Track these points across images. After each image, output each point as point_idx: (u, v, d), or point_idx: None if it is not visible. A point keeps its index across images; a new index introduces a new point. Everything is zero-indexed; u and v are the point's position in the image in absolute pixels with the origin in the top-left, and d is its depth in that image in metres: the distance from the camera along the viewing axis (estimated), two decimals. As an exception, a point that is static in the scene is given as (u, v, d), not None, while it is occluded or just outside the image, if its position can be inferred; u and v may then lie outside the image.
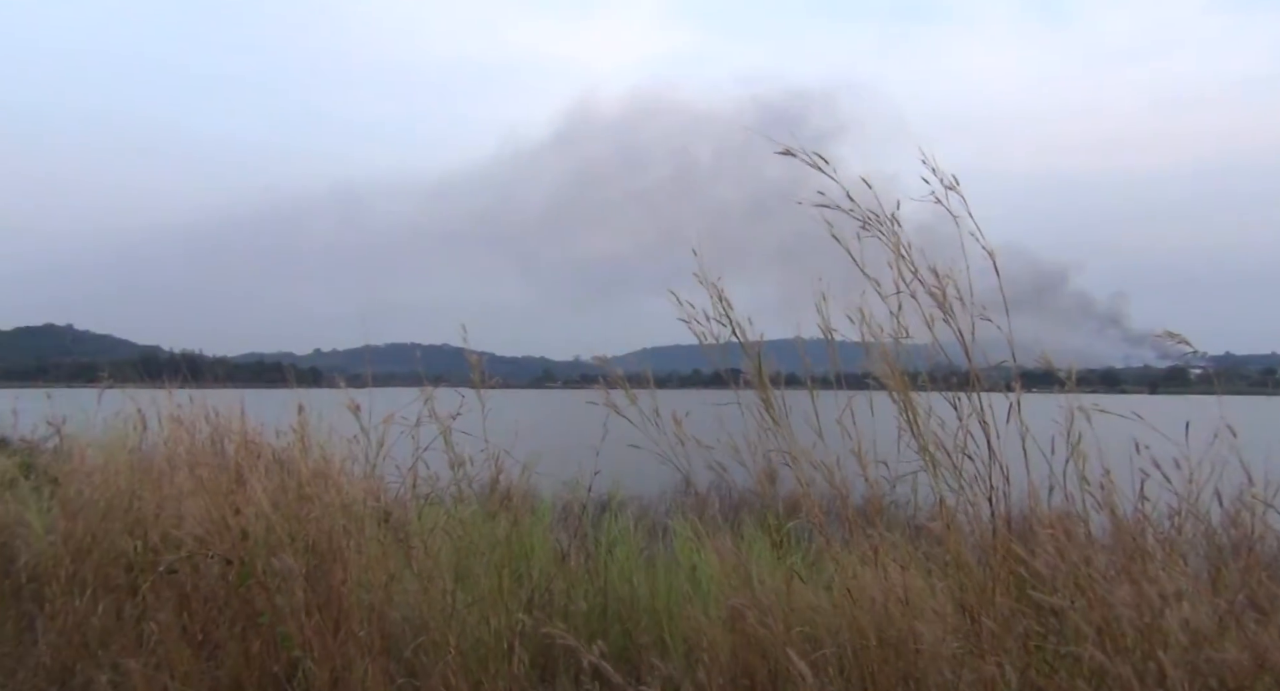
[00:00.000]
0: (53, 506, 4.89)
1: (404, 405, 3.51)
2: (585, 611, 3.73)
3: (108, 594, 3.38)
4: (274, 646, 2.75)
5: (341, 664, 2.69)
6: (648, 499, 9.49)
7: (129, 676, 2.79)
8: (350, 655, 2.71)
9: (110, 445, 4.59)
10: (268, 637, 2.78)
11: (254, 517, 3.04)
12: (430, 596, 3.13)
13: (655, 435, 2.90)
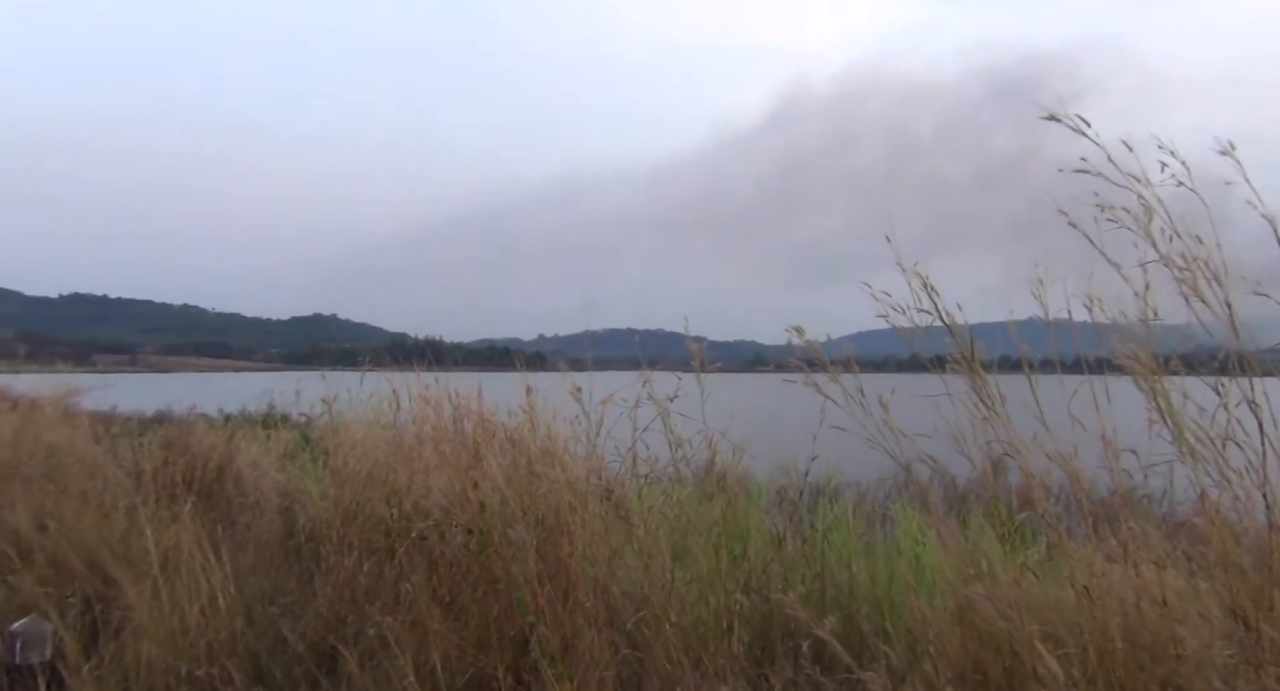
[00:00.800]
0: (324, 475, 5.57)
1: (622, 388, 3.66)
2: (803, 595, 3.72)
3: (370, 555, 3.80)
4: (510, 611, 2.98)
5: (571, 632, 2.86)
6: (864, 485, 9.27)
7: (391, 630, 3.13)
8: (578, 624, 2.88)
9: (370, 422, 5.14)
10: (505, 602, 3.02)
11: (490, 491, 3.29)
12: (650, 573, 3.25)
13: (865, 420, 2.83)
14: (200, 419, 11.31)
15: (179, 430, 8.48)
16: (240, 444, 7.55)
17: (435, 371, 5.42)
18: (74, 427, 10.14)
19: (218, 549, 4.03)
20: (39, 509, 5.09)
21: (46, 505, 5.30)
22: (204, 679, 3.08)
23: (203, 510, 5.04)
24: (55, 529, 4.62)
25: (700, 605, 3.23)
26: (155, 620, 3.29)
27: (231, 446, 7.39)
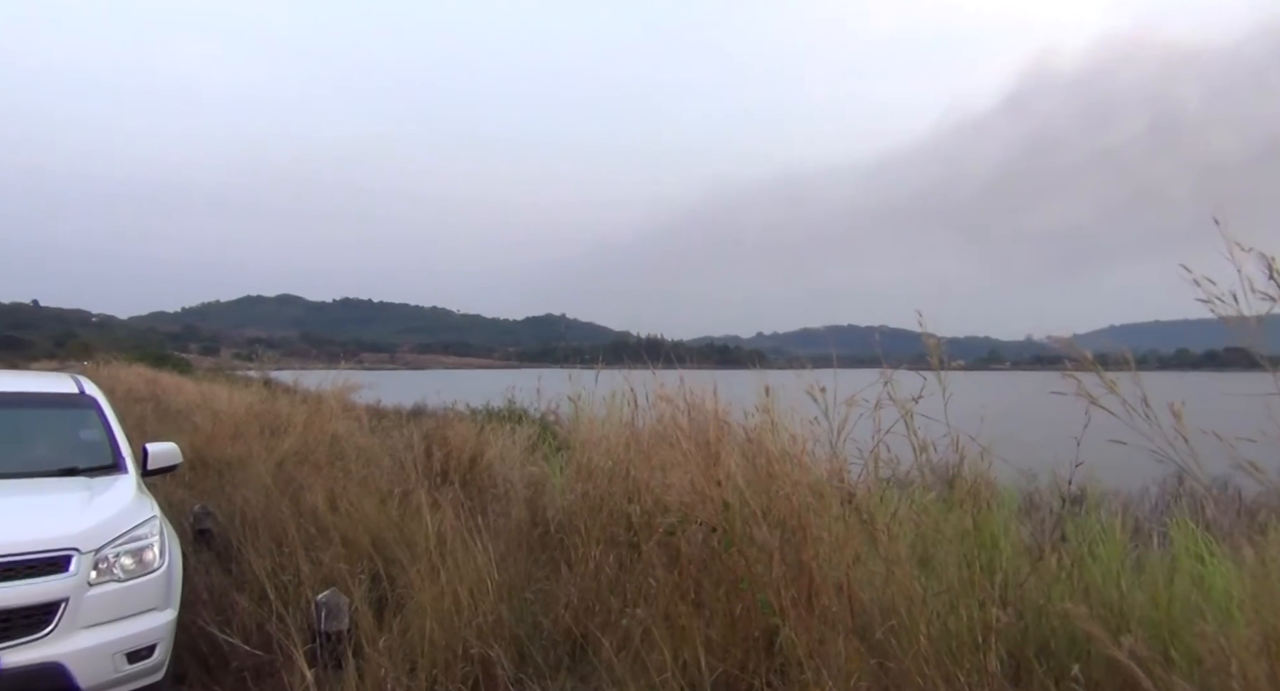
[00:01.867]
0: (565, 469, 5.89)
1: (865, 387, 3.56)
2: (1065, 613, 3.44)
3: (614, 548, 3.97)
4: (754, 611, 2.99)
5: (816, 637, 2.82)
6: (1128, 494, 8.42)
7: (640, 621, 3.25)
8: (824, 629, 2.84)
9: (609, 419, 5.37)
10: (749, 602, 3.04)
11: (732, 490, 3.32)
12: (895, 580, 3.14)
13: (1143, 426, 2.55)
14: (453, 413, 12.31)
15: (437, 423, 9.28)
16: (489, 437, 8.14)
17: (658, 369, 5.58)
18: (350, 419, 11.41)
19: (476, 535, 4.38)
20: (329, 491, 5.76)
21: (335, 488, 6.01)
22: (478, 658, 3.35)
23: (459, 498, 5.47)
24: (345, 510, 5.21)
25: (951, 617, 3.07)
26: (435, 599, 3.62)
27: (482, 439, 7.98)
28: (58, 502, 3.96)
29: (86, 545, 3.54)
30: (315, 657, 3.55)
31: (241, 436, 10.47)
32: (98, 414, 4.80)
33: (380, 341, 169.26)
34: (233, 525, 5.89)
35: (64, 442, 4.63)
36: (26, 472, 4.24)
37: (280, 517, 5.28)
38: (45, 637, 3.34)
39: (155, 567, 3.77)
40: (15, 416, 4.71)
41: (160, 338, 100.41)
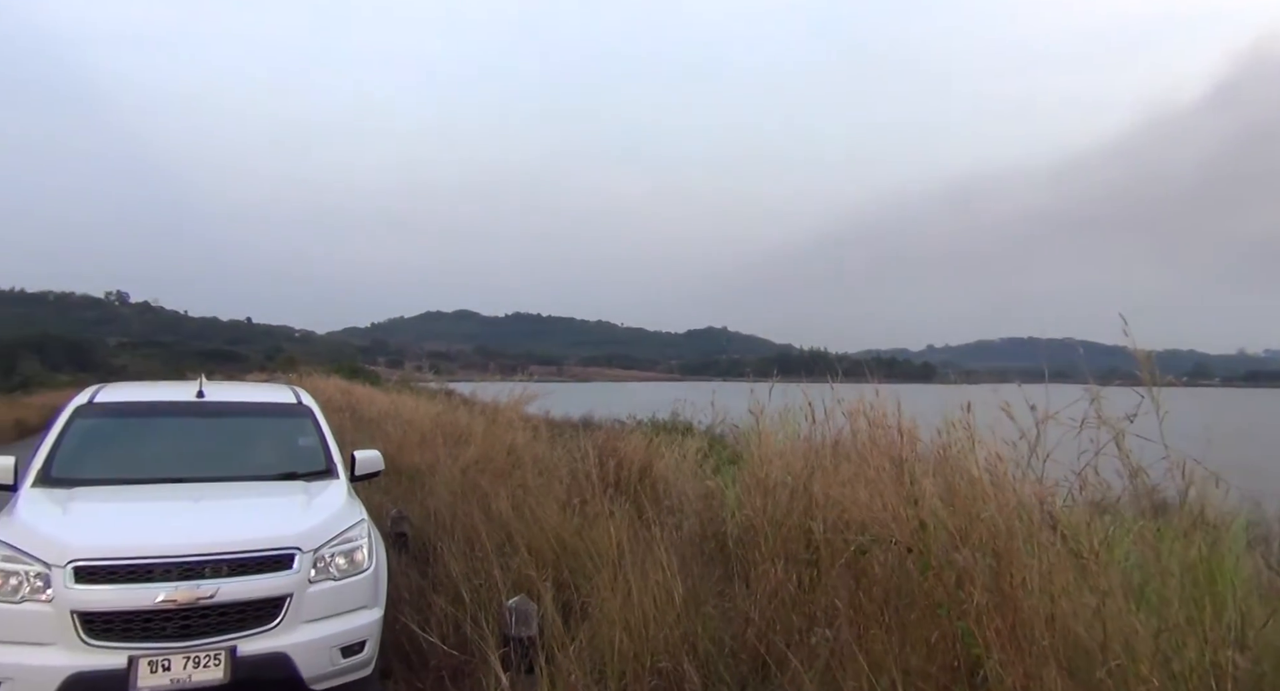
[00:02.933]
0: (738, 482, 5.85)
1: (1066, 404, 3.33)
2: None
3: (796, 566, 3.89)
4: (954, 639, 2.84)
5: (1026, 672, 2.64)
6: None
7: (826, 641, 3.17)
8: (1034, 664, 2.65)
9: (785, 433, 5.29)
10: (946, 629, 2.89)
11: (927, 511, 3.18)
12: (1107, 614, 2.89)
13: None
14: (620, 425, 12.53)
15: (607, 435, 9.48)
16: (659, 449, 8.22)
17: (825, 383, 5.46)
18: (526, 429, 11.85)
19: (653, 546, 4.42)
20: (515, 499, 5.99)
21: (516, 496, 6.26)
22: (667, 671, 3.38)
23: (632, 509, 5.54)
24: (528, 517, 5.41)
25: (1177, 658, 2.79)
26: (623, 610, 3.68)
27: (651, 451, 8.07)
28: (281, 504, 4.33)
29: (307, 545, 3.85)
30: (508, 662, 3.69)
31: (428, 445, 11.08)
32: (313, 422, 5.24)
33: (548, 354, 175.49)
34: (427, 529, 6.24)
35: (284, 448, 5.07)
36: (253, 476, 4.67)
37: (472, 523, 5.55)
38: (273, 629, 3.66)
39: (365, 568, 4.06)
40: (245, 424, 5.21)
41: (352, 351, 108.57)
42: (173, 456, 4.74)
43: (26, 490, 4.16)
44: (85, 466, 4.44)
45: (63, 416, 4.73)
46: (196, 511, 4.10)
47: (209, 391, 5.23)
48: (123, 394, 5.18)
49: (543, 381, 23.45)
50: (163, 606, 3.45)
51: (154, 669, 3.41)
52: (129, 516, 3.97)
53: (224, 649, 3.52)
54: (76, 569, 3.44)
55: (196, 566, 3.57)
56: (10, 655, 3.34)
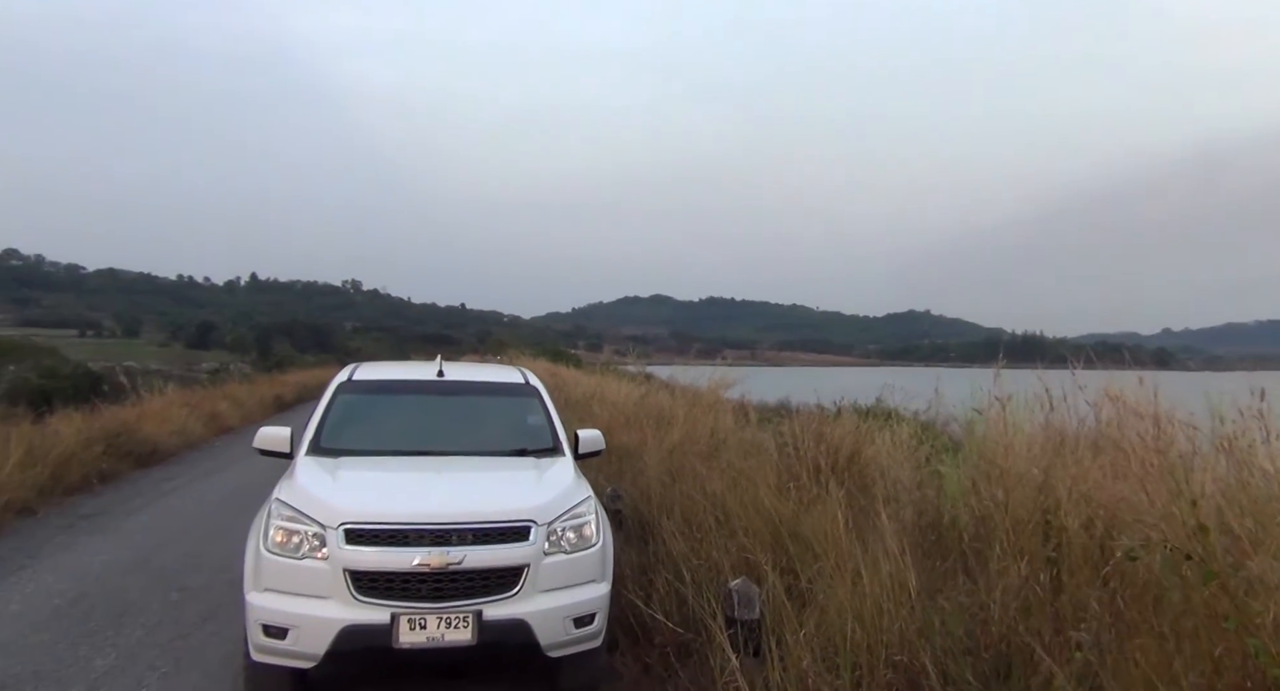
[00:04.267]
0: (961, 472, 5.55)
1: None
2: None
3: (1040, 564, 3.62)
4: (1245, 658, 2.52)
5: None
6: None
7: (1080, 646, 2.93)
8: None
9: (1017, 421, 4.94)
10: (1233, 645, 2.57)
11: (1208, 512, 2.85)
12: None
13: None
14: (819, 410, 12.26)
15: (811, 419, 9.30)
16: (870, 435, 7.94)
17: (1042, 368, 5.07)
18: (726, 413, 11.86)
19: (878, 534, 4.27)
20: (732, 481, 6.01)
21: (729, 477, 6.27)
22: (902, 664, 3.26)
23: (847, 495, 5.38)
24: (741, 499, 5.40)
25: None
26: (853, 598, 3.59)
27: (860, 436, 7.82)
28: (517, 479, 4.58)
29: (542, 518, 4.04)
30: (734, 643, 3.70)
31: (633, 426, 11.34)
32: (540, 402, 5.50)
33: (742, 338, 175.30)
34: (641, 507, 6.39)
35: (515, 426, 5.36)
36: (489, 451, 4.97)
37: (690, 503, 5.63)
38: (513, 597, 3.88)
39: (594, 543, 4.20)
40: (480, 402, 5.56)
41: (554, 335, 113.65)
42: (419, 431, 5.12)
43: (301, 458, 4.65)
44: (348, 438, 4.90)
45: (328, 392, 5.25)
46: (443, 483, 4.41)
47: (447, 371, 5.62)
48: (375, 373, 5.68)
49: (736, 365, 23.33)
50: (418, 569, 3.73)
51: (413, 626, 3.71)
52: (388, 486, 4.34)
53: (472, 612, 3.77)
54: (347, 531, 3.80)
55: (445, 534, 3.83)
56: (296, 605, 3.75)
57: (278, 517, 3.97)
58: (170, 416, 14.32)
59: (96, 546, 7.36)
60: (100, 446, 10.84)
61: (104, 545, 7.42)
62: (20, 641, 4.96)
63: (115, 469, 10.97)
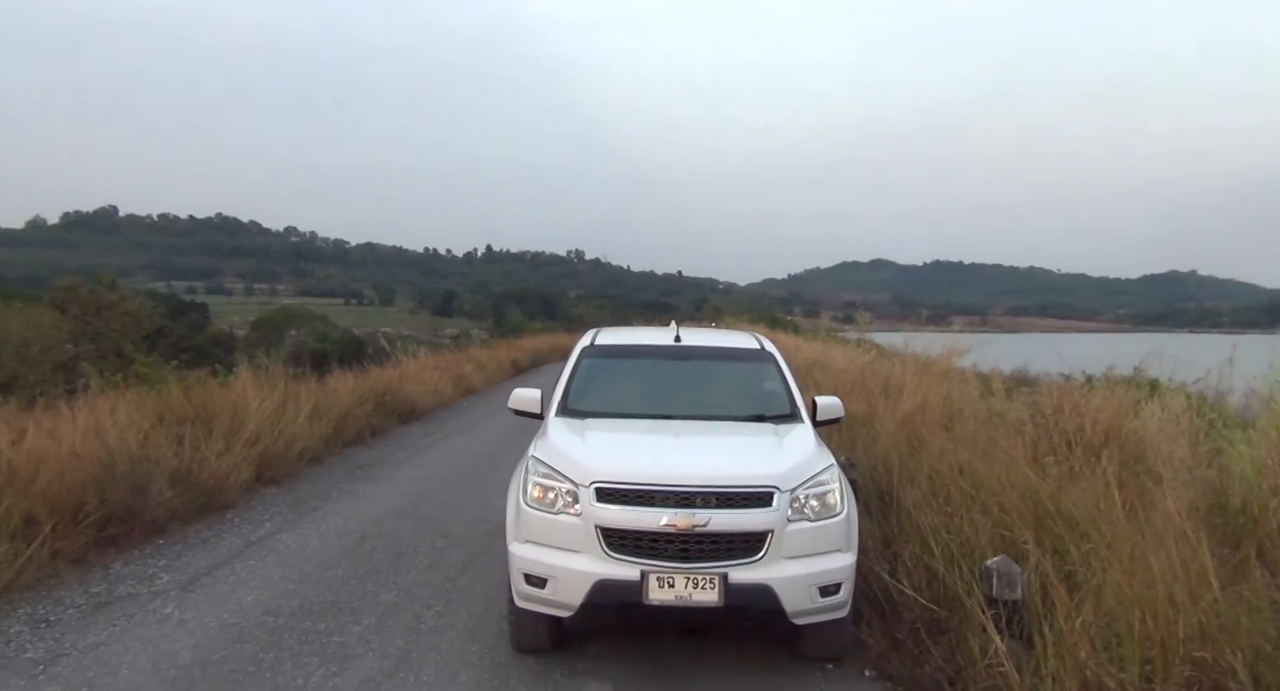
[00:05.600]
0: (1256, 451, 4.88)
1: None
2: None
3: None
4: None
5: None
6: None
7: None
8: None
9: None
10: None
11: None
12: None
13: None
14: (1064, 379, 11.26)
15: (1060, 389, 8.56)
16: (1135, 407, 7.20)
17: None
18: (959, 382, 11.21)
19: (1164, 517, 3.85)
20: (983, 452, 5.67)
21: (976, 448, 5.92)
22: (1204, 662, 2.92)
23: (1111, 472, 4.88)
24: (996, 472, 5.06)
25: None
26: (1138, 585, 3.27)
27: (1121, 408, 7.10)
28: (757, 445, 4.57)
29: (785, 484, 4.00)
30: (997, 625, 3.49)
31: (859, 393, 11.01)
32: (776, 368, 5.44)
33: (971, 304, 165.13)
34: (879, 476, 6.19)
35: (752, 392, 5.34)
36: (727, 416, 4.99)
37: (936, 474, 5.38)
38: (757, 562, 3.88)
39: (838, 512, 4.11)
40: (716, 367, 5.60)
41: (770, 302, 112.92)
42: (659, 394, 5.24)
43: (552, 418, 4.91)
44: (592, 400, 5.11)
45: (573, 356, 5.49)
46: (686, 446, 4.49)
47: (684, 336, 5.69)
48: (616, 337, 5.87)
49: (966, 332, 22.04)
50: (665, 529, 3.82)
51: (661, 584, 3.82)
52: (633, 447, 4.48)
53: (717, 574, 3.81)
54: (598, 489, 3.96)
55: (690, 496, 3.89)
56: (553, 557, 3.98)
57: (534, 474, 4.21)
58: (424, 378, 15.68)
59: (372, 493, 8.24)
60: (370, 404, 12.08)
61: (378, 492, 8.29)
62: (320, 574, 5.66)
63: (383, 424, 12.20)
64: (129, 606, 4.93)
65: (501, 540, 4.31)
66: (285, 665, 4.20)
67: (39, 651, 4.27)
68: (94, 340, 12.82)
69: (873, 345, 19.22)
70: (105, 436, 6.55)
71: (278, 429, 8.85)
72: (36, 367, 10.13)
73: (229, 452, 7.68)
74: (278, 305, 56.64)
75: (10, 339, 10.39)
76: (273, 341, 24.66)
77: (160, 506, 6.44)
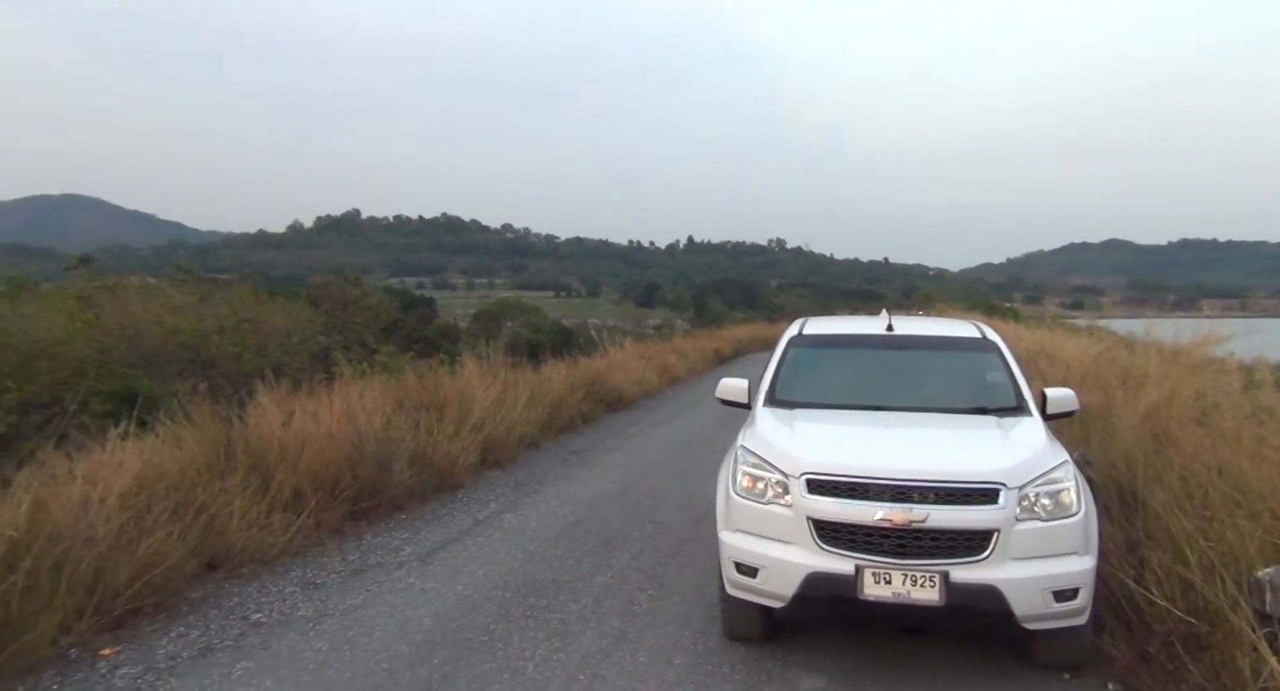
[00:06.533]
0: None
1: None
2: None
3: None
4: None
5: None
6: None
7: None
8: None
9: None
10: None
11: None
12: None
13: None
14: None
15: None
16: None
17: None
18: (1217, 373, 9.98)
19: None
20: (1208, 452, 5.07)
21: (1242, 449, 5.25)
22: None
23: None
24: (1252, 474, 4.48)
25: None
26: None
27: None
28: (981, 438, 4.32)
29: (1012, 481, 3.75)
30: (1272, 643, 3.10)
31: (1089, 385, 10.12)
32: (1000, 357, 5.11)
33: (1227, 286, 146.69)
34: (1119, 475, 5.65)
35: (973, 383, 5.05)
36: (945, 408, 4.75)
37: (1189, 474, 4.84)
38: (982, 562, 3.67)
39: (1074, 512, 3.80)
40: (933, 357, 5.34)
41: (986, 288, 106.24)
42: (870, 385, 5.08)
43: (760, 408, 4.89)
44: (801, 390, 5.03)
45: (780, 346, 5.44)
46: (901, 439, 4.32)
47: (897, 325, 5.48)
48: (824, 327, 5.76)
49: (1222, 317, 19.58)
50: (880, 524, 3.70)
51: (877, 580, 3.70)
52: (845, 439, 4.36)
53: (938, 572, 3.64)
54: (808, 480, 3.90)
55: (906, 490, 3.74)
56: (764, 547, 3.97)
57: (744, 464, 4.21)
58: (630, 367, 16.13)
59: (585, 478, 8.60)
60: (581, 392, 12.60)
61: (590, 477, 8.64)
62: (541, 553, 5.99)
63: (592, 412, 12.69)
64: (378, 574, 5.45)
65: (709, 528, 4.35)
66: (514, 637, 4.48)
67: (309, 610, 4.82)
68: (342, 332, 14.23)
69: (1107, 332, 17.61)
70: (355, 420, 7.27)
71: (499, 415, 9.45)
72: (297, 357, 11.40)
73: (458, 437, 8.29)
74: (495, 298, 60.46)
75: (276, 331, 11.76)
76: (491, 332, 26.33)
77: (401, 485, 7.07)
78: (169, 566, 4.71)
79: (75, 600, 4.15)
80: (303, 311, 14.00)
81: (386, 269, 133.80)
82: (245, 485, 5.72)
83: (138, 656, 4.13)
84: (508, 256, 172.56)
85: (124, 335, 9.81)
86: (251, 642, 4.36)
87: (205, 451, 5.91)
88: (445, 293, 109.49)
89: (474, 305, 56.65)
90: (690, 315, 56.47)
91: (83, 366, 8.17)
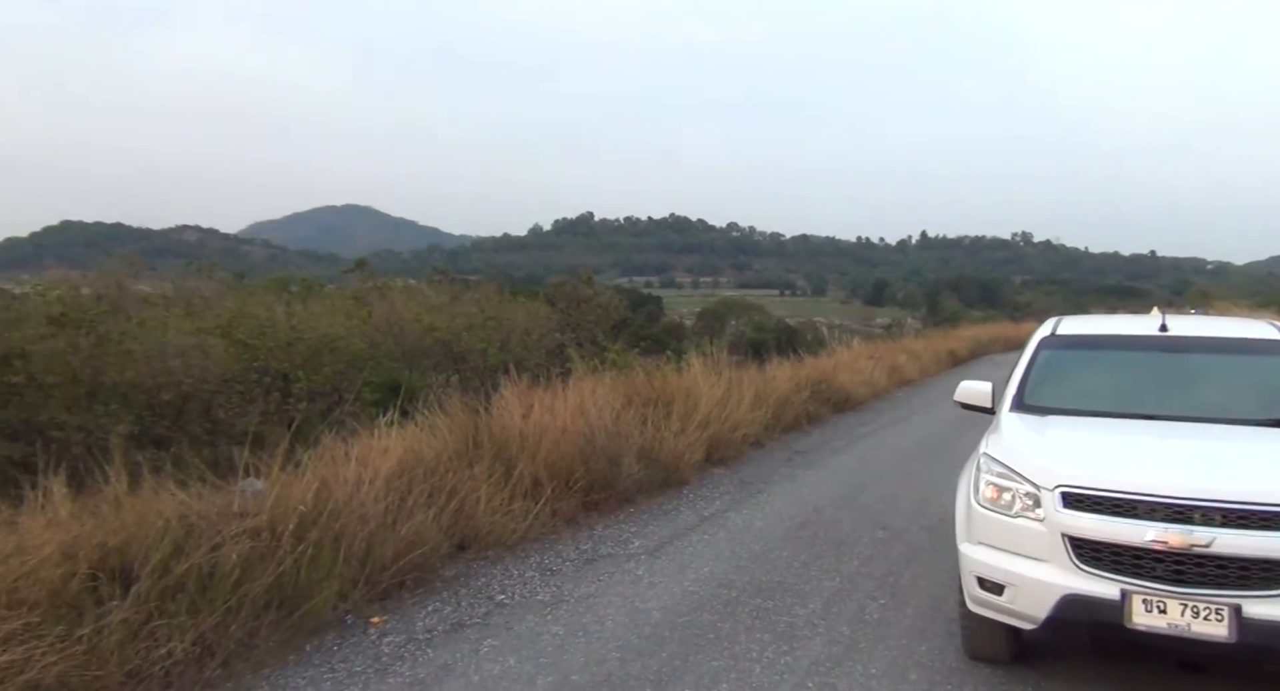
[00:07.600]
0: None
1: None
2: None
3: None
4: None
5: None
6: None
7: None
8: None
9: None
10: None
11: None
12: None
13: None
14: None
15: None
16: None
17: None
18: None
19: None
20: None
21: None
22: None
23: None
24: None
25: None
26: None
27: None
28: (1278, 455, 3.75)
29: None
30: None
31: None
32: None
33: None
34: None
35: (1272, 392, 4.38)
36: (1233, 419, 4.15)
37: None
38: None
39: None
40: (1218, 361, 4.69)
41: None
42: (1138, 391, 4.55)
43: (1005, 414, 4.52)
44: (1053, 395, 4.61)
45: (1029, 347, 5.01)
46: (1178, 451, 3.83)
47: (1171, 324, 4.87)
48: (1082, 326, 5.24)
49: None
50: (1151, 546, 3.30)
51: (1149, 608, 3.30)
52: (1108, 450, 3.94)
53: (1228, 605, 3.19)
54: (1064, 494, 3.55)
55: (1184, 510, 3.31)
56: (1011, 563, 3.66)
57: (988, 473, 3.92)
58: (858, 367, 15.62)
59: (811, 479, 8.43)
60: (806, 392, 12.37)
61: (816, 479, 8.45)
62: (767, 554, 5.93)
63: (818, 412, 12.42)
64: (609, 565, 5.65)
65: (945, 537, 4.10)
66: (740, 637, 4.47)
67: (546, 595, 5.09)
68: (575, 329, 14.93)
69: None
70: (587, 414, 7.59)
71: (724, 413, 9.48)
72: (535, 352, 12.13)
73: (683, 434, 8.42)
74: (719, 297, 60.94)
75: (517, 328, 12.58)
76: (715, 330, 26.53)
77: (629, 479, 7.28)
78: (428, 547, 5.15)
79: (350, 571, 4.65)
80: (540, 309, 14.86)
81: (617, 268, 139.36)
82: (490, 472, 6.15)
83: (401, 626, 4.55)
84: (732, 255, 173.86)
85: (390, 331, 10.93)
86: (497, 622, 4.66)
87: (456, 440, 6.41)
88: (671, 291, 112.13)
89: (699, 303, 57.48)
90: (922, 313, 53.90)
91: (358, 359, 9.19)
